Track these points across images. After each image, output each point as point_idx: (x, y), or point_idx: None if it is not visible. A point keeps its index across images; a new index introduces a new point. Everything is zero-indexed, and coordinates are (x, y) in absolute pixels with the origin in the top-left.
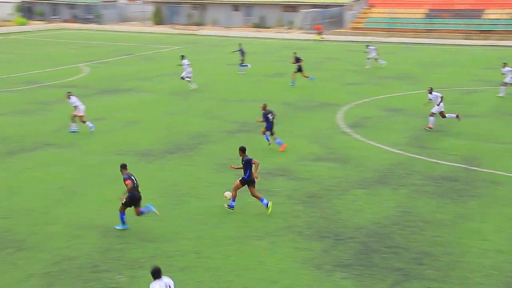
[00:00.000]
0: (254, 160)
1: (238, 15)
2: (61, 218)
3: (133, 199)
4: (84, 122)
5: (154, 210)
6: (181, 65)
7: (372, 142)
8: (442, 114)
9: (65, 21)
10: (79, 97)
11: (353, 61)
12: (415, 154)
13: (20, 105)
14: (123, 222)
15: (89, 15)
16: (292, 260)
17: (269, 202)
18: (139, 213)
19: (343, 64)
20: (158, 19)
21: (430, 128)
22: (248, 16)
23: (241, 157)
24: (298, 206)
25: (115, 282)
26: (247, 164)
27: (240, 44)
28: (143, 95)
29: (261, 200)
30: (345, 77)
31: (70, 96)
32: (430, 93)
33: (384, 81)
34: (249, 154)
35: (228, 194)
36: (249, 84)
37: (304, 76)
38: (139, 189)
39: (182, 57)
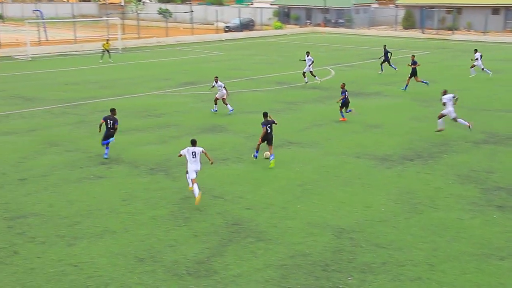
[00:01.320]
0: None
1: (498, 19)
2: (299, 215)
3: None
4: (226, 104)
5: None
6: (304, 60)
7: None
8: None
9: (317, 25)
10: (324, 99)
11: None
12: None
13: (270, 104)
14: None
15: (340, 19)
16: None
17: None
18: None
19: None
20: (409, 23)
21: None
22: (510, 20)
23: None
24: None
25: (345, 283)
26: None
27: (385, 46)
28: (386, 99)
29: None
30: None
31: (217, 81)
32: None
33: None
34: (493, 166)
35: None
36: (505, 92)
37: (418, 81)
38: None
39: (307, 53)
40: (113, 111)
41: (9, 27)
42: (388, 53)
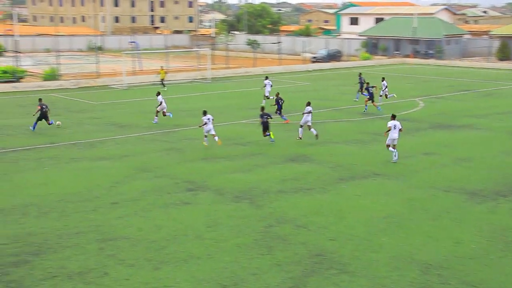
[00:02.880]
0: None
1: None
2: (383, 248)
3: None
4: (165, 114)
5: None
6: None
7: None
8: None
9: (406, 56)
10: (412, 131)
11: None
12: None
13: (355, 134)
14: None
15: (430, 50)
16: None
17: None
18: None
19: None
20: (504, 55)
21: None
22: None
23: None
24: None
25: None
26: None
27: (360, 74)
28: (477, 132)
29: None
30: None
31: (158, 95)
32: None
33: None
34: None
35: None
36: None
37: None
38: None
39: (383, 79)
40: (40, 100)
41: (107, 57)
42: (364, 83)
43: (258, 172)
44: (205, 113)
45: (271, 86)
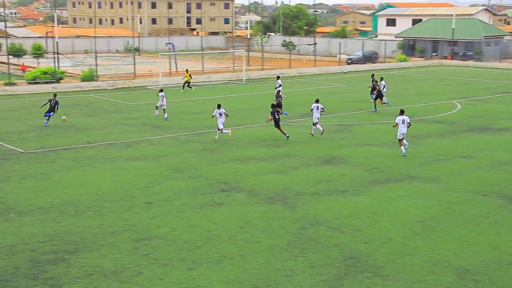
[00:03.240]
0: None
1: None
2: (419, 251)
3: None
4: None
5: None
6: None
7: None
8: None
9: (444, 57)
10: (449, 133)
11: None
12: None
13: (391, 137)
14: None
15: (469, 51)
16: None
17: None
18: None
19: None
20: None
21: None
22: None
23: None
24: None
25: None
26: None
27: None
28: None
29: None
30: None
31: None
32: None
33: None
34: None
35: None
36: None
37: None
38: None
39: (381, 79)
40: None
41: (143, 59)
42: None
43: (291, 174)
44: (219, 106)
45: (280, 85)
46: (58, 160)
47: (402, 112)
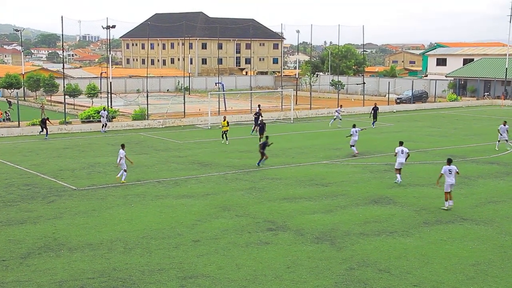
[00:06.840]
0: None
1: None
2: None
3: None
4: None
5: None
6: None
7: None
8: None
9: (497, 97)
10: (502, 174)
11: None
12: None
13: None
14: None
15: None
16: None
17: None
18: None
19: None
20: None
21: None
22: None
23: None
24: None
25: None
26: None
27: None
28: None
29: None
30: None
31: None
32: None
33: None
34: None
35: None
36: None
37: None
38: None
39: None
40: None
41: (193, 98)
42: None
43: (339, 213)
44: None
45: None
46: (108, 197)
47: (401, 144)
